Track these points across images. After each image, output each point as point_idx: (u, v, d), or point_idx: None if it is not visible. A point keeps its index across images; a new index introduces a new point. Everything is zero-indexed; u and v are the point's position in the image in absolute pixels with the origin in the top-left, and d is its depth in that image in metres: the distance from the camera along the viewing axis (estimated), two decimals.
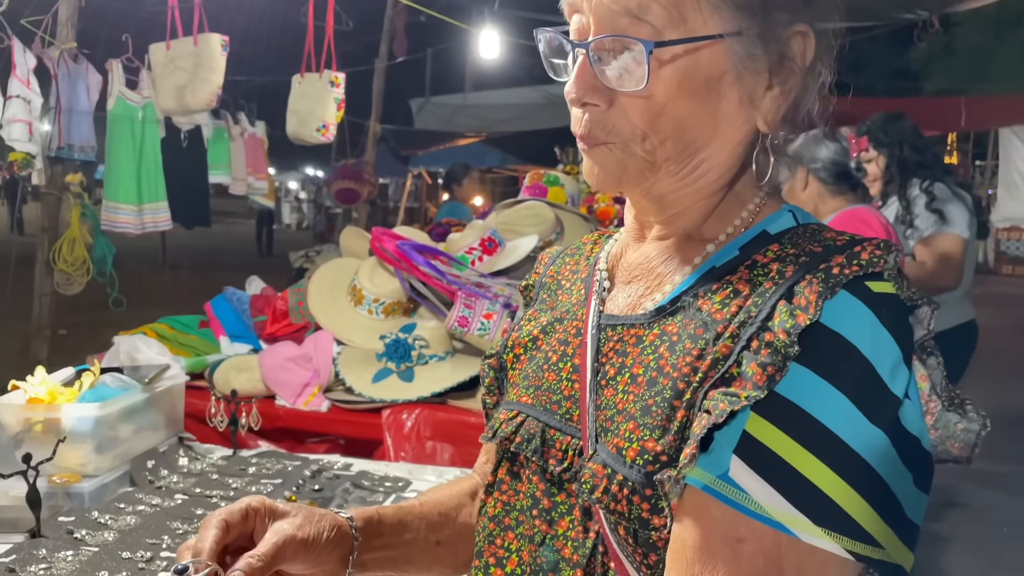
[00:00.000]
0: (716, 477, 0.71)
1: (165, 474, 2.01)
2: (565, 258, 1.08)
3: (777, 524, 0.69)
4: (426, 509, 1.03)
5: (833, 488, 0.69)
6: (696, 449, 0.71)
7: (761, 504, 0.70)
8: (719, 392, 0.72)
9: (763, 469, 0.70)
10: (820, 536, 0.69)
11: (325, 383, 2.73)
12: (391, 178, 17.58)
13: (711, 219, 0.87)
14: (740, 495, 0.70)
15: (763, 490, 0.70)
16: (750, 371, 0.71)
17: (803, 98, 0.85)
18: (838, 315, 0.73)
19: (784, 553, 0.70)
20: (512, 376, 1.01)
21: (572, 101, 0.84)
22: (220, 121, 5.48)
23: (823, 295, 0.73)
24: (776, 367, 0.71)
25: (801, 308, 0.73)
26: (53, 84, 4.26)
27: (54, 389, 1.90)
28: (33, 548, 1.58)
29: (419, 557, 1.00)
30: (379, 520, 0.96)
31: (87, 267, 4.79)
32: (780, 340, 0.71)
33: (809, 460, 0.70)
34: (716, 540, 0.71)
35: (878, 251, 0.76)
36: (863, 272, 0.75)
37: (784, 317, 0.73)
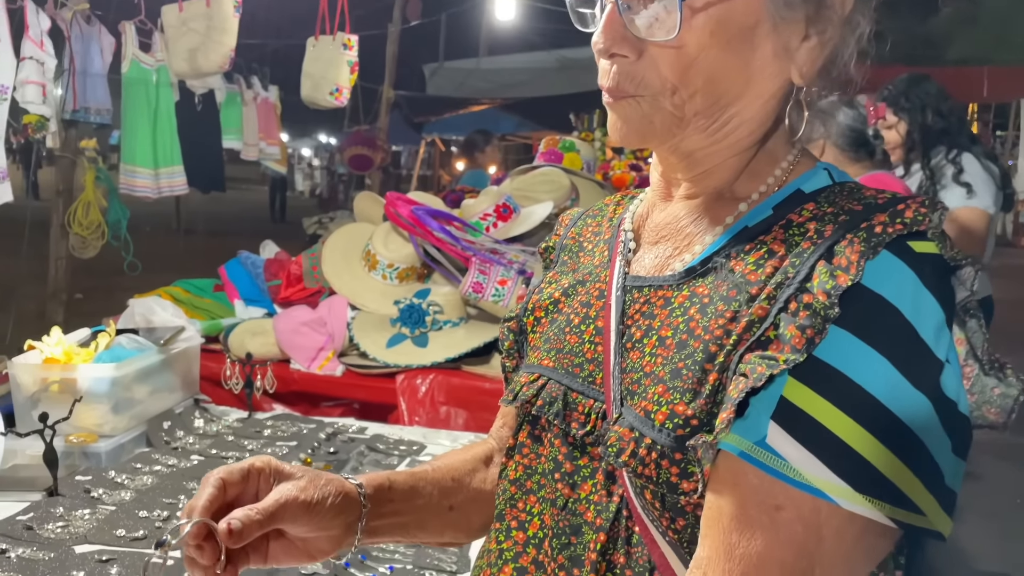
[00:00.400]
0: (753, 443, 0.69)
1: (181, 435, 2.02)
2: (587, 220, 1.06)
3: (817, 491, 0.68)
4: (439, 475, 1.02)
5: (875, 454, 0.67)
6: (733, 414, 0.69)
7: (800, 471, 0.68)
8: (755, 355, 0.70)
9: (802, 435, 0.68)
10: (861, 503, 0.67)
11: (339, 348, 2.73)
12: (404, 146, 17.49)
13: (743, 177, 0.84)
14: (778, 462, 0.69)
15: (802, 457, 0.68)
16: (788, 334, 0.69)
17: (841, 50, 0.81)
18: (879, 276, 0.70)
19: (824, 520, 0.68)
20: (532, 339, 0.99)
21: (600, 52, 0.81)
22: (233, 85, 5.44)
23: (865, 255, 0.70)
24: (816, 330, 0.68)
25: (842, 268, 0.70)
26: (67, 46, 4.23)
27: (70, 349, 1.90)
28: (50, 506, 1.59)
29: (431, 522, 1.00)
30: (390, 487, 0.95)
31: (102, 231, 4.80)
32: (820, 302, 0.69)
33: (850, 425, 0.68)
34: (753, 508, 0.69)
35: (923, 209, 0.73)
36: (907, 231, 0.72)
37: (824, 278, 0.70)
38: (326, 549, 0.88)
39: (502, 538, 0.92)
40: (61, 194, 4.77)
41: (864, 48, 0.83)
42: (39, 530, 1.50)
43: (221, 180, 5.73)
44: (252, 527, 0.77)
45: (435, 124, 12.39)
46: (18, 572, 1.34)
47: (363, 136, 7.15)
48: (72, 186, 4.80)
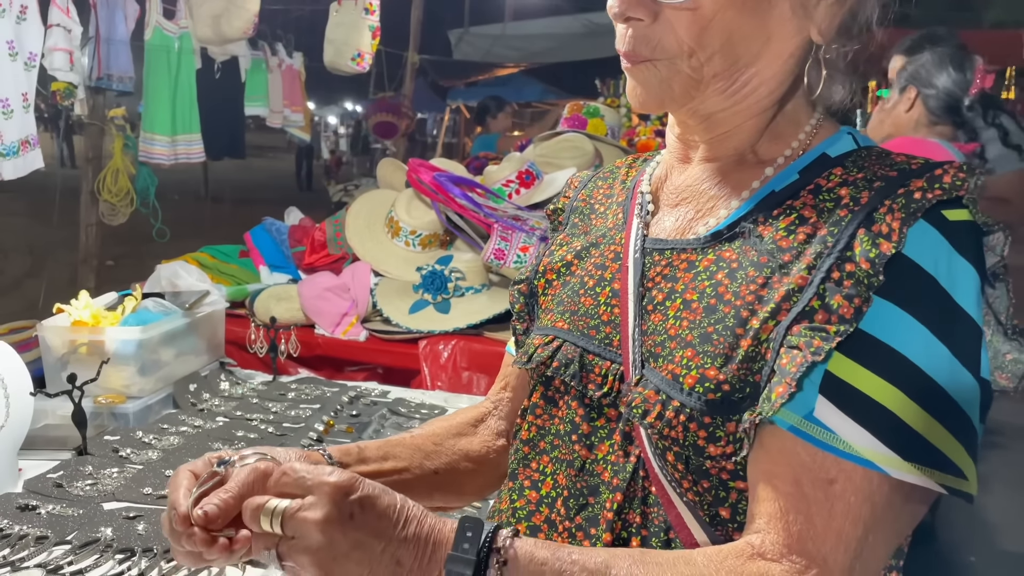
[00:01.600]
0: (802, 417, 0.70)
1: (207, 397, 2.06)
2: (597, 182, 1.05)
3: (867, 462, 0.69)
4: (418, 440, 1.03)
5: (920, 422, 0.69)
6: (795, 388, 0.69)
7: (849, 443, 0.69)
8: (804, 327, 0.71)
9: (849, 407, 0.69)
10: (910, 470, 0.69)
11: (363, 313, 2.75)
12: (429, 113, 17.44)
13: (764, 139, 0.84)
14: (828, 435, 0.70)
15: (850, 428, 0.69)
16: (835, 303, 0.70)
17: (860, 5, 0.80)
18: (915, 245, 0.71)
19: (875, 489, 0.69)
20: (544, 302, 0.99)
21: (615, 16, 0.80)
22: (258, 52, 5.43)
23: (907, 222, 0.71)
24: (862, 299, 0.69)
25: (883, 236, 0.71)
26: (92, 13, 4.25)
27: (98, 312, 1.93)
28: (80, 465, 1.63)
29: (416, 485, 0.99)
30: (359, 450, 0.96)
31: (131, 198, 4.85)
32: (863, 270, 0.70)
33: (895, 395, 0.69)
34: (807, 484, 0.70)
35: (961, 174, 0.73)
36: (946, 196, 0.72)
37: (866, 246, 0.71)
38: None
39: (515, 497, 0.93)
40: (91, 161, 4.81)
41: (887, 2, 0.82)
42: (68, 487, 1.54)
43: (241, 148, 5.75)
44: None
45: (460, 91, 12.34)
46: (48, 527, 1.38)
47: (388, 103, 7.14)
48: (101, 153, 4.84)
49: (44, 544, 1.34)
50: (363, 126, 16.67)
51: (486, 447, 1.07)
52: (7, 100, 3.23)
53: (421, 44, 7.34)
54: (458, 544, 0.71)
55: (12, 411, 1.54)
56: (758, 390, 0.73)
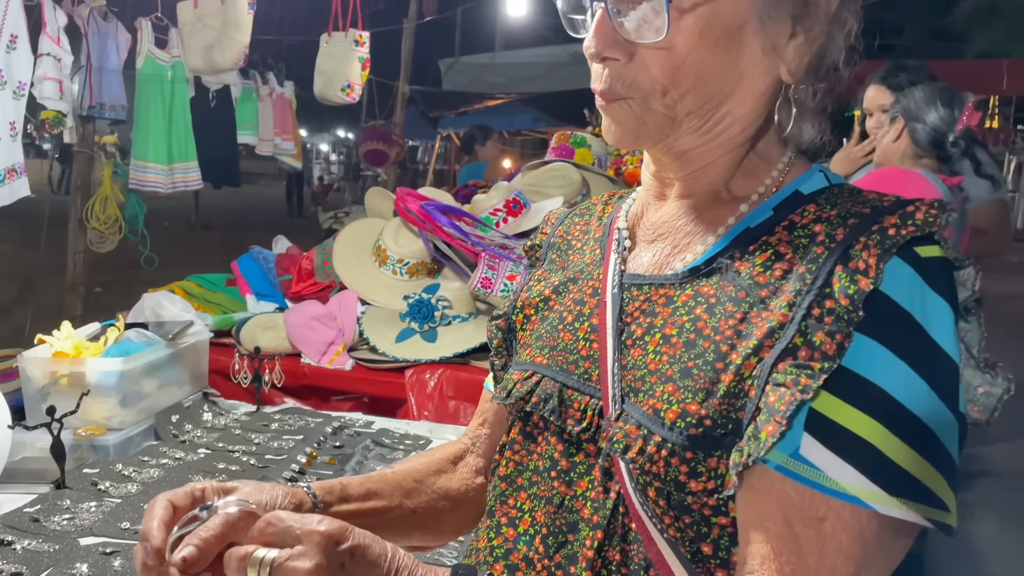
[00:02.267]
0: (788, 456, 0.70)
1: (189, 428, 2.04)
2: (574, 218, 1.06)
3: (854, 499, 0.69)
4: (399, 477, 1.01)
5: (904, 457, 0.69)
6: (785, 427, 0.69)
7: (836, 480, 0.69)
8: (790, 365, 0.71)
9: (834, 444, 0.69)
10: (897, 506, 0.69)
11: (350, 342, 2.74)
12: (421, 140, 17.51)
13: (738, 177, 0.85)
14: (815, 473, 0.70)
15: (837, 466, 0.69)
16: (817, 340, 0.71)
17: (828, 47, 0.82)
18: (890, 281, 0.72)
19: (864, 525, 0.69)
20: (523, 337, 0.99)
21: (591, 56, 0.82)
22: (249, 81, 5.47)
23: (882, 258, 0.72)
24: (844, 335, 0.70)
25: (861, 272, 0.71)
26: (83, 42, 4.27)
27: (79, 343, 1.92)
28: (57, 499, 1.61)
29: (396, 524, 0.98)
30: (342, 488, 0.94)
31: (119, 225, 4.84)
32: (842, 306, 0.71)
33: (879, 431, 0.69)
34: (798, 524, 0.70)
35: (932, 211, 0.74)
36: (919, 232, 0.73)
37: (844, 282, 0.71)
38: None
39: (492, 535, 0.92)
40: (79, 189, 4.81)
41: (852, 45, 0.83)
42: (45, 522, 1.52)
43: (236, 175, 5.77)
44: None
45: (452, 119, 12.40)
46: (23, 564, 1.36)
47: (378, 131, 7.18)
48: (90, 181, 4.84)
49: None
50: (354, 154, 16.75)
51: (465, 485, 1.06)
52: None
53: (412, 73, 7.40)
54: None
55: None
56: (740, 427, 0.73)
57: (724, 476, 0.74)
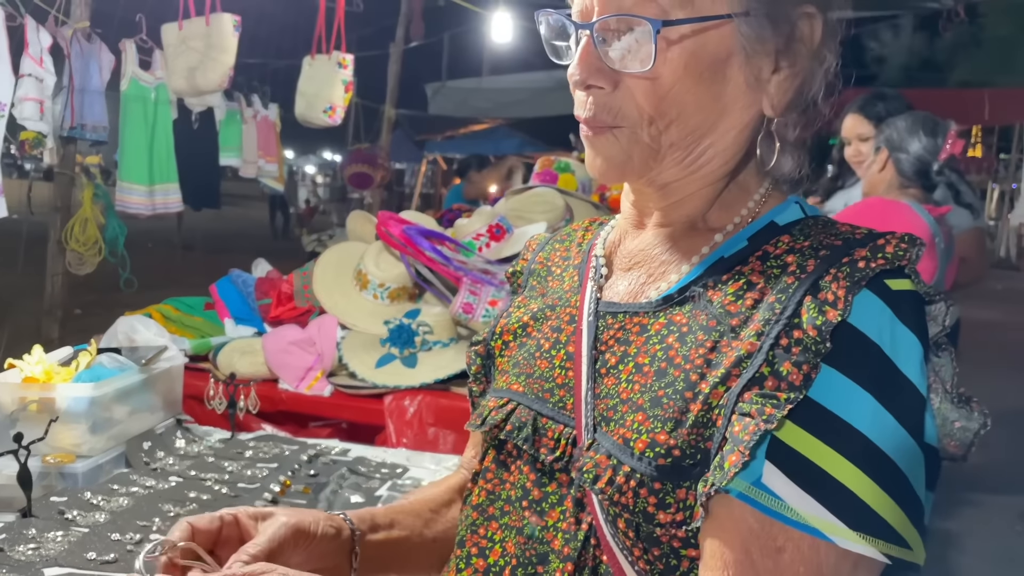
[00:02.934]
0: (750, 484, 0.70)
1: (161, 456, 2.00)
2: (555, 244, 1.06)
3: (814, 531, 0.68)
4: (417, 506, 1.02)
5: (866, 491, 0.68)
6: (748, 457, 0.69)
7: (797, 511, 0.69)
8: (756, 394, 0.70)
9: (797, 475, 0.69)
10: (856, 540, 0.68)
11: (328, 367, 2.71)
12: (407, 164, 17.56)
13: (715, 208, 0.85)
14: (776, 502, 0.69)
15: (798, 496, 0.69)
16: (784, 370, 0.70)
17: (809, 82, 0.83)
18: (859, 313, 0.71)
19: (823, 559, 0.69)
20: (500, 363, 0.99)
21: (576, 84, 0.82)
22: (233, 103, 5.45)
23: (851, 290, 0.71)
24: (811, 365, 0.70)
25: (829, 304, 0.71)
26: (66, 63, 4.25)
27: (50, 368, 1.89)
28: (23, 528, 1.57)
29: (417, 555, 0.99)
30: (372, 517, 0.95)
31: (99, 247, 4.80)
32: (810, 337, 0.70)
33: (842, 464, 0.69)
34: (756, 552, 0.69)
35: (903, 244, 0.75)
36: (889, 266, 0.73)
37: (813, 313, 0.71)
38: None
39: (462, 565, 0.91)
40: (59, 210, 4.77)
41: (831, 82, 0.84)
42: (9, 552, 1.48)
43: (216, 197, 5.74)
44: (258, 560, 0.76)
45: (438, 144, 12.46)
46: None
47: (364, 154, 7.17)
48: (70, 202, 4.79)
49: None
50: (340, 176, 16.77)
51: None
52: None
53: (398, 97, 7.42)
54: None
55: None
56: (708, 457, 0.73)
57: (693, 507, 0.73)
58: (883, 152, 2.78)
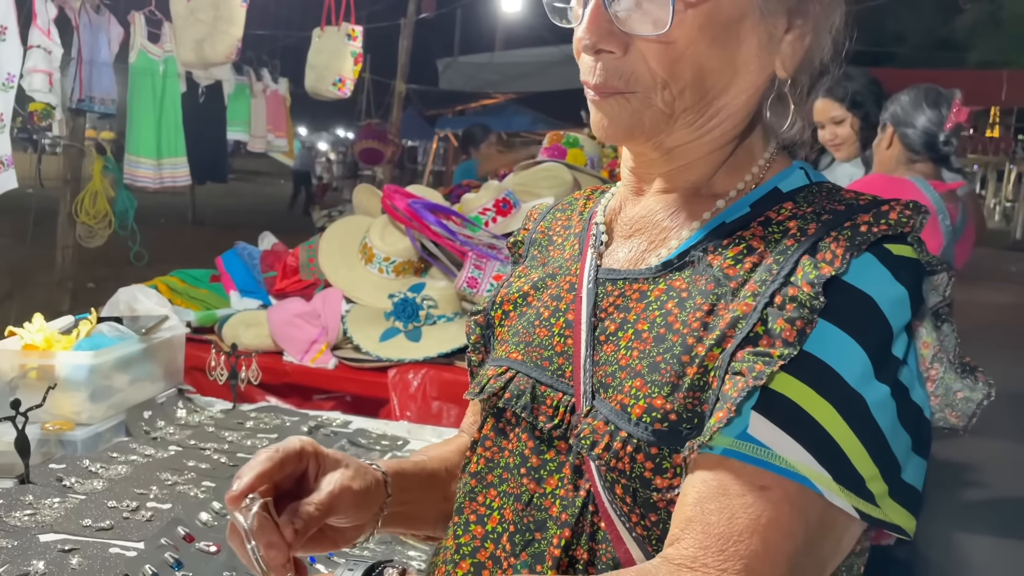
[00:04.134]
0: (734, 439, 0.69)
1: (162, 425, 2.00)
2: (556, 213, 1.05)
3: (802, 478, 0.67)
4: (434, 464, 1.01)
5: (849, 445, 0.68)
6: (734, 413, 0.68)
7: (784, 457, 0.68)
8: (748, 353, 0.70)
9: (787, 424, 0.68)
10: (838, 493, 0.67)
11: (333, 340, 2.71)
12: (419, 141, 17.49)
13: (721, 172, 0.84)
14: (761, 450, 0.68)
15: (787, 444, 0.68)
16: (778, 328, 0.70)
17: (818, 41, 0.81)
18: (859, 272, 0.71)
19: (808, 504, 0.68)
20: (500, 333, 0.97)
21: (585, 48, 0.80)
22: (242, 77, 5.44)
23: (850, 251, 0.71)
24: (804, 320, 0.69)
25: (826, 261, 0.71)
26: (75, 35, 4.24)
27: (50, 336, 1.89)
28: (20, 494, 1.58)
29: (430, 512, 0.99)
30: (402, 474, 0.94)
31: (109, 220, 4.81)
32: (804, 293, 0.70)
33: (832, 415, 0.68)
34: (735, 487, 0.68)
35: (907, 211, 0.74)
36: (891, 232, 0.72)
37: (808, 270, 0.71)
38: (350, 537, 0.88)
39: (460, 532, 0.90)
40: (69, 183, 4.78)
41: (837, 40, 0.82)
42: (6, 517, 1.49)
43: (223, 171, 5.74)
44: (313, 524, 0.77)
45: (449, 120, 12.39)
46: None
47: (374, 130, 7.15)
48: (80, 175, 4.81)
49: None
50: (351, 153, 16.73)
51: None
52: None
53: (409, 72, 7.38)
54: None
55: None
56: (704, 421, 0.71)
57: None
58: (889, 129, 2.73)
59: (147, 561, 1.34)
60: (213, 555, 1.40)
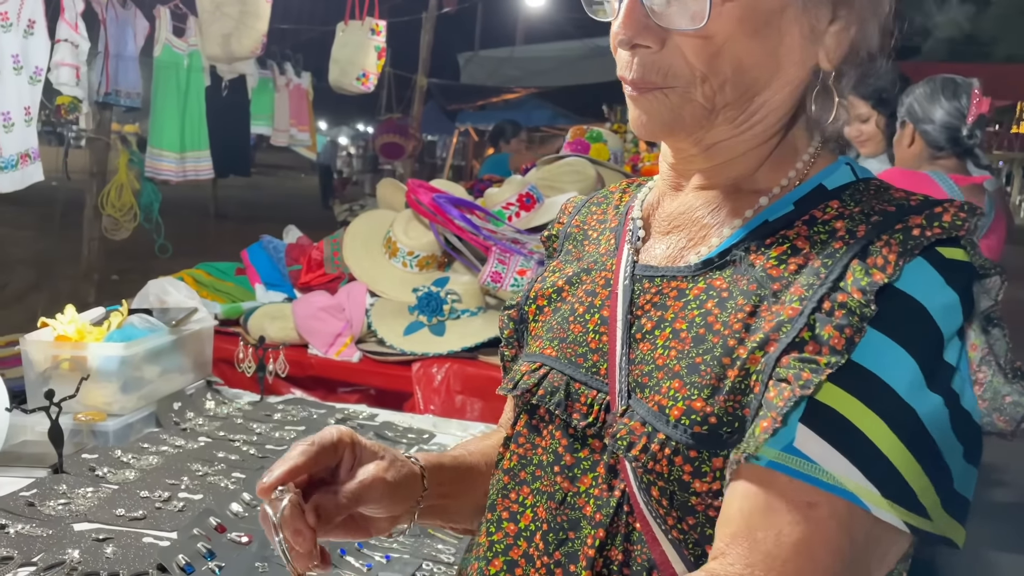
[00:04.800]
0: (780, 451, 0.67)
1: (191, 416, 2.02)
2: (591, 207, 1.03)
3: (848, 494, 0.66)
4: (475, 459, 1.01)
5: (900, 458, 0.66)
6: (780, 424, 0.66)
7: (831, 473, 0.66)
8: (794, 359, 0.68)
9: (834, 437, 0.66)
10: (887, 508, 0.66)
11: (357, 334, 2.72)
12: (439, 135, 17.49)
13: (763, 168, 0.82)
14: (808, 465, 0.66)
15: (834, 458, 0.66)
16: (825, 334, 0.68)
17: (864, 31, 0.79)
18: (910, 278, 0.69)
19: (855, 521, 0.66)
20: (534, 328, 0.96)
21: (621, 43, 0.78)
22: (266, 71, 5.47)
23: (903, 256, 0.69)
24: (854, 329, 0.67)
25: (878, 267, 0.69)
26: (101, 29, 4.28)
27: (82, 328, 1.91)
28: (54, 483, 1.60)
29: (468, 507, 0.99)
30: (440, 468, 0.94)
31: (134, 213, 4.86)
32: (855, 300, 0.68)
33: (882, 429, 0.66)
34: (783, 506, 0.67)
35: (961, 213, 0.71)
36: (945, 235, 0.70)
37: (858, 275, 0.69)
38: (384, 528, 0.88)
39: (492, 530, 0.90)
40: (95, 176, 4.83)
41: (887, 32, 0.80)
42: (40, 506, 1.51)
43: (246, 165, 5.78)
44: (339, 513, 0.78)
45: (470, 114, 12.38)
46: (14, 547, 1.35)
47: (395, 124, 7.16)
48: (105, 168, 4.85)
49: (8, 565, 1.30)
50: (371, 147, 16.76)
51: None
52: (8, 113, 3.24)
53: (430, 67, 7.38)
54: None
55: None
56: (746, 425, 0.70)
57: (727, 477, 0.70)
58: (908, 126, 2.67)
59: (180, 551, 1.35)
60: (244, 546, 1.41)
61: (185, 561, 1.33)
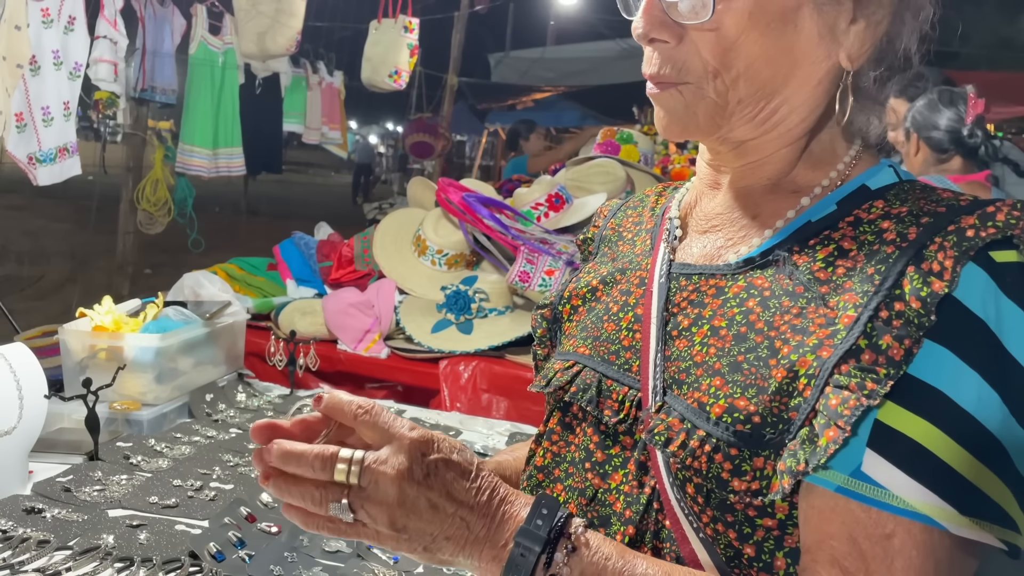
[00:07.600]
0: (848, 476, 0.66)
1: (223, 408, 2.05)
2: (627, 211, 1.04)
3: (924, 518, 0.65)
4: (519, 464, 1.01)
5: (975, 474, 0.65)
6: (849, 433, 0.65)
7: (904, 499, 0.65)
8: (853, 367, 0.67)
9: (901, 459, 0.65)
10: (968, 525, 0.65)
11: (386, 330, 2.74)
12: (468, 135, 17.54)
13: (801, 168, 0.82)
14: (880, 492, 0.66)
15: (904, 482, 0.65)
16: (884, 344, 0.67)
17: (898, 32, 0.78)
18: (965, 286, 0.67)
19: (937, 544, 0.65)
20: (568, 328, 0.97)
21: (639, 37, 0.79)
22: (299, 69, 5.52)
23: (960, 260, 0.67)
24: (912, 339, 0.66)
25: (935, 275, 0.67)
26: (140, 26, 4.35)
27: (119, 318, 1.94)
28: (89, 470, 1.63)
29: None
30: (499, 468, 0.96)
31: (168, 208, 4.93)
32: (913, 309, 0.67)
33: (950, 446, 0.65)
34: (864, 540, 0.66)
35: (1015, 212, 0.70)
36: (1000, 235, 0.69)
37: (917, 284, 0.68)
38: None
39: None
40: (131, 171, 4.91)
41: (927, 32, 0.79)
42: (76, 492, 1.54)
43: (279, 163, 5.83)
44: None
45: (499, 114, 12.39)
46: (51, 532, 1.38)
47: (425, 123, 7.19)
48: (141, 164, 4.93)
49: (45, 548, 1.33)
50: (401, 146, 16.84)
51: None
52: (48, 108, 3.30)
53: (461, 67, 7.40)
54: (531, 519, 0.71)
55: (25, 413, 1.54)
56: (791, 427, 0.69)
57: (770, 478, 0.70)
58: (913, 137, 2.75)
59: (212, 539, 1.38)
60: (274, 535, 1.44)
61: (216, 549, 1.35)
